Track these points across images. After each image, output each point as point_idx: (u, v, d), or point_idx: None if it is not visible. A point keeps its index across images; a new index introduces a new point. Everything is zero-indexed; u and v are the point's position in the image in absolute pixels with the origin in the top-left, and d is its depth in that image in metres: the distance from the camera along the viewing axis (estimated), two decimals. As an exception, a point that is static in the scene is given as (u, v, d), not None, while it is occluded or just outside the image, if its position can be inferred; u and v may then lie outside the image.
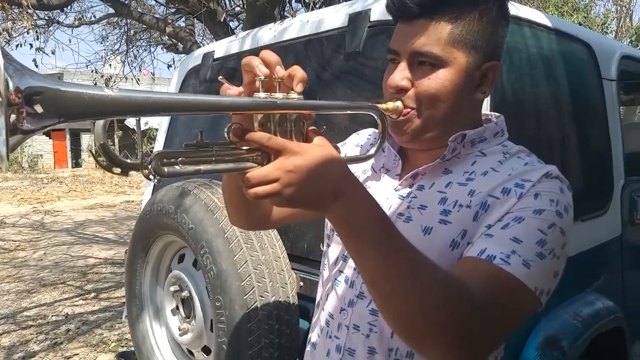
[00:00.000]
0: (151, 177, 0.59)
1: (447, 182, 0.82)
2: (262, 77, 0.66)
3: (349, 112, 0.83)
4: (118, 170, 0.58)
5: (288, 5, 5.06)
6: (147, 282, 1.90)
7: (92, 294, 4.80)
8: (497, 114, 0.91)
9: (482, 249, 0.71)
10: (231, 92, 0.69)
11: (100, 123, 0.59)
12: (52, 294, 4.82)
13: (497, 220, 0.74)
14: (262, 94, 0.66)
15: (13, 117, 0.48)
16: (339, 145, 1.04)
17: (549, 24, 1.57)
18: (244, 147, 0.65)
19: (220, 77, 0.70)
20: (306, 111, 0.69)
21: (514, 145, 0.86)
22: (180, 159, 0.61)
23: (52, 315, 4.25)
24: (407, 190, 0.86)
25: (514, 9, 1.44)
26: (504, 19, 0.82)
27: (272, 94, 0.67)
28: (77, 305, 4.49)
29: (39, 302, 4.61)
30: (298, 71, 0.68)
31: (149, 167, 0.59)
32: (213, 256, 1.45)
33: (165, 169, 0.60)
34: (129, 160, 0.59)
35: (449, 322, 0.64)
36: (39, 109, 0.50)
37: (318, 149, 0.65)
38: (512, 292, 0.69)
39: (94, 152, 0.62)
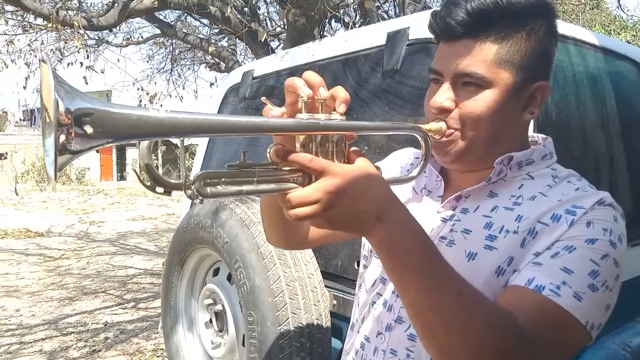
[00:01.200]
0: (194, 197, 0.59)
1: (493, 205, 0.79)
2: (305, 99, 0.66)
3: (391, 132, 0.81)
4: (161, 190, 0.59)
5: (328, 25, 5.12)
6: (182, 294, 1.92)
7: (131, 304, 4.91)
8: (544, 135, 0.88)
9: (530, 278, 0.68)
10: (274, 113, 0.69)
11: (145, 143, 0.59)
12: (93, 302, 4.96)
13: (546, 248, 0.71)
14: (304, 115, 0.65)
15: (62, 137, 0.49)
16: (377, 163, 1.03)
17: (595, 41, 1.52)
18: (286, 168, 0.64)
19: (263, 97, 0.70)
20: (348, 132, 0.69)
21: (563, 168, 0.83)
22: (222, 179, 0.61)
23: (92, 323, 4.37)
24: (450, 212, 0.83)
25: (559, 26, 1.41)
26: (552, 37, 0.80)
27: (315, 114, 0.66)
28: (116, 314, 4.60)
29: (80, 309, 4.75)
30: (340, 92, 0.68)
31: (192, 187, 0.59)
32: (247, 271, 1.45)
33: (208, 189, 0.60)
34: (172, 181, 0.59)
35: (493, 354, 0.61)
36: (88, 129, 0.51)
37: (360, 170, 0.64)
38: (561, 325, 0.66)
39: (137, 172, 0.63)
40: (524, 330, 0.63)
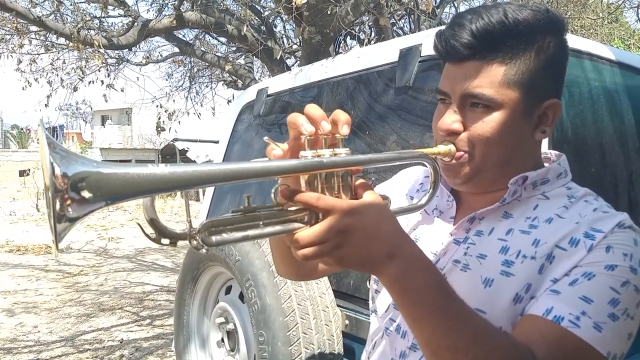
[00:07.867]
0: (200, 247, 0.59)
1: (508, 228, 0.77)
2: (308, 137, 0.65)
3: (398, 163, 0.78)
4: (167, 241, 0.58)
5: (343, 42, 5.16)
6: (194, 312, 1.91)
7: (147, 321, 4.92)
8: (557, 152, 0.86)
9: (548, 307, 0.66)
10: (276, 153, 0.67)
11: (147, 199, 0.58)
12: (110, 319, 4.98)
13: (564, 275, 0.69)
14: (308, 152, 0.64)
15: (59, 205, 0.48)
16: (386, 182, 1.02)
17: (612, 56, 1.50)
18: (292, 208, 0.63)
19: (266, 137, 0.69)
20: (354, 167, 0.67)
21: (579, 187, 0.81)
22: (228, 226, 0.60)
23: (108, 340, 4.38)
24: (464, 235, 0.81)
25: (573, 42, 1.39)
26: (563, 52, 0.78)
27: (318, 150, 0.65)
28: (132, 331, 4.61)
29: (97, 326, 4.77)
30: (341, 115, 0.67)
31: (197, 237, 0.58)
32: (258, 289, 1.44)
33: (213, 238, 0.59)
34: (177, 231, 0.59)
35: None
36: (85, 194, 0.50)
37: (368, 206, 0.63)
38: (581, 358, 0.64)
39: (141, 225, 0.62)
40: None
